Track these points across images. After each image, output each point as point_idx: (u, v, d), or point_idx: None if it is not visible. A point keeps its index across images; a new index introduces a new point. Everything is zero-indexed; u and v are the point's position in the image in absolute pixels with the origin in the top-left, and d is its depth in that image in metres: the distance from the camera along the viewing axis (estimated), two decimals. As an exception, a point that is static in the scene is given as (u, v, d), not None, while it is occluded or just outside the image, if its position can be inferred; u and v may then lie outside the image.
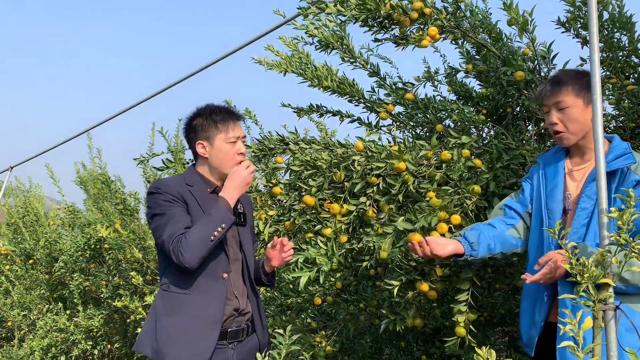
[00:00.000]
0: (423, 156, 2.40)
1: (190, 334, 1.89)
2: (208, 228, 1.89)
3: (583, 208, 1.85)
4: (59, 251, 5.43)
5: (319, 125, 4.52)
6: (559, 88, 1.88)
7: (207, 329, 1.91)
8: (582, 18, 2.57)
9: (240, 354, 2.03)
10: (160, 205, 1.97)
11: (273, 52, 3.19)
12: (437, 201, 2.17)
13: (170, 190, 1.99)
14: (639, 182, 1.77)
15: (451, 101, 3.15)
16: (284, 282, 3.74)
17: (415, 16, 2.52)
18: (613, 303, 1.47)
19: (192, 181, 2.06)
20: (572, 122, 1.87)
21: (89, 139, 5.74)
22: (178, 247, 1.88)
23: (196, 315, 1.91)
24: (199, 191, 2.04)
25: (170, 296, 1.95)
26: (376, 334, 3.36)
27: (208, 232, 1.88)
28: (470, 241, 1.96)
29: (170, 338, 1.90)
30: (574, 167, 1.95)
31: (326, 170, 2.53)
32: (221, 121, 2.06)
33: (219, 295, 1.95)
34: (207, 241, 1.88)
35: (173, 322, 1.91)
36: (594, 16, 1.56)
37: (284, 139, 2.83)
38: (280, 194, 2.72)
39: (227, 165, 2.06)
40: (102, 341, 5.06)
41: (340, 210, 2.46)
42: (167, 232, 1.92)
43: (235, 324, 2.02)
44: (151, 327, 1.95)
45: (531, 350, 1.98)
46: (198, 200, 2.01)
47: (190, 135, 2.11)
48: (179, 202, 1.98)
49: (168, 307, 1.94)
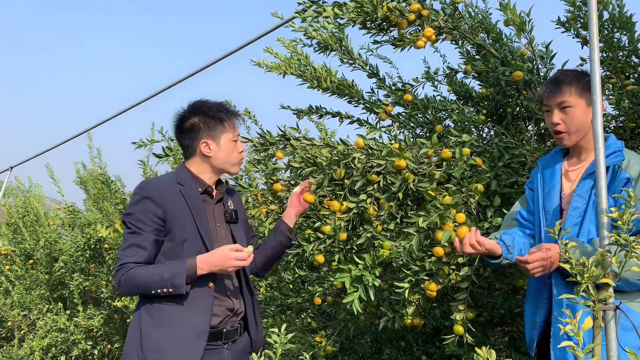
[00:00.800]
0: (424, 154, 2.39)
1: (177, 346, 1.85)
2: (156, 282, 1.84)
3: (575, 207, 1.86)
4: (59, 251, 5.43)
5: (319, 126, 4.53)
6: (561, 88, 1.88)
7: (193, 341, 1.87)
8: (582, 18, 2.58)
9: (234, 354, 2.01)
10: (135, 219, 1.91)
11: (272, 54, 3.19)
12: (449, 199, 2.17)
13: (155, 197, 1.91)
14: (629, 179, 1.77)
15: (451, 101, 3.16)
16: (284, 282, 3.74)
17: (412, 18, 2.53)
18: (613, 303, 1.48)
19: (184, 180, 2.00)
20: (574, 122, 1.87)
21: (89, 139, 5.75)
22: (120, 276, 1.87)
23: (182, 327, 1.87)
24: (190, 191, 1.98)
25: (155, 308, 1.90)
26: (376, 334, 3.36)
27: (153, 286, 1.84)
28: (507, 244, 1.93)
29: (156, 351, 1.86)
30: (570, 168, 1.95)
31: (326, 167, 2.52)
32: (227, 119, 2.03)
33: (204, 306, 1.91)
34: (146, 291, 1.86)
35: (158, 334, 1.87)
36: (594, 16, 1.56)
37: (285, 134, 2.82)
38: (281, 190, 2.72)
39: (232, 163, 2.05)
40: (102, 341, 5.07)
41: (340, 208, 2.46)
42: (124, 253, 1.90)
43: (230, 324, 2.00)
44: (136, 339, 1.90)
45: (531, 351, 1.99)
46: (188, 201, 1.95)
47: (190, 134, 2.03)
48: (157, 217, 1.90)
49: (153, 319, 1.89)
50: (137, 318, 1.93)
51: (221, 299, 1.98)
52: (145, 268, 1.87)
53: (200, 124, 2.02)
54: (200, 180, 2.04)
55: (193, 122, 2.03)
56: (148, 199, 1.91)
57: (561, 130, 1.89)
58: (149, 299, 1.92)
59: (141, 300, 1.95)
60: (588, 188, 1.84)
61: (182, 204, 1.94)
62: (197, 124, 2.02)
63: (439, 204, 2.16)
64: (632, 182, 1.77)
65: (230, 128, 2.04)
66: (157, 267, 1.87)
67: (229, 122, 2.04)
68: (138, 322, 1.92)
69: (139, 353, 1.87)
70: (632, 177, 1.77)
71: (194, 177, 2.03)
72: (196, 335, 1.88)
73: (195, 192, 2.00)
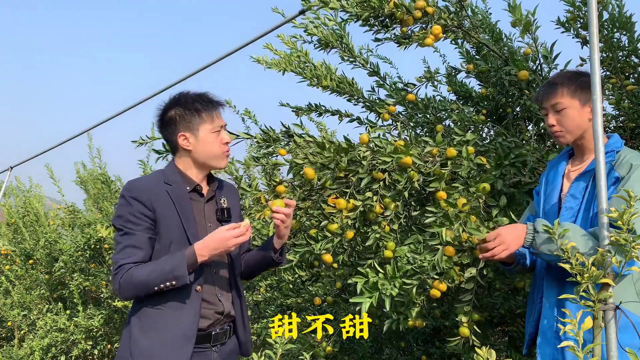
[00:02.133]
0: (428, 153, 2.38)
1: (164, 350, 1.83)
2: (158, 278, 1.78)
3: (568, 207, 1.88)
4: (59, 251, 5.43)
5: (319, 125, 4.52)
6: (554, 90, 1.92)
7: (181, 344, 1.83)
8: (582, 18, 2.57)
9: (222, 356, 1.97)
10: (124, 220, 1.86)
11: (272, 50, 3.18)
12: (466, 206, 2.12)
13: (142, 198, 1.85)
14: (618, 179, 1.79)
15: (451, 101, 3.15)
16: (284, 282, 3.74)
17: (418, 15, 2.51)
18: (613, 303, 1.48)
19: (171, 179, 1.93)
20: (569, 123, 1.90)
21: (89, 139, 5.75)
22: (119, 278, 1.81)
23: (169, 331, 1.84)
24: (178, 191, 1.91)
25: (143, 312, 1.87)
26: (376, 334, 3.36)
27: (155, 282, 1.79)
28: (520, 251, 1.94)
29: (143, 355, 1.83)
30: (572, 168, 1.98)
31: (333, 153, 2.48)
32: (205, 110, 1.92)
33: (192, 310, 1.86)
34: (149, 288, 1.80)
35: (147, 338, 1.84)
36: (594, 16, 1.56)
37: (288, 130, 2.81)
38: (285, 192, 2.70)
39: (215, 156, 1.94)
40: (102, 341, 5.06)
41: (346, 206, 2.43)
42: (119, 256, 1.84)
43: (219, 326, 1.96)
44: (126, 344, 1.88)
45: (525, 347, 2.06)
46: (175, 202, 1.88)
47: (169, 128, 1.95)
48: (146, 217, 1.85)
49: (141, 323, 1.86)
50: (128, 323, 1.91)
51: (210, 302, 1.93)
52: (143, 266, 1.81)
53: (176, 117, 1.93)
54: (188, 177, 1.96)
55: (170, 115, 1.94)
56: (135, 199, 1.86)
57: (556, 130, 1.93)
58: (140, 304, 1.88)
59: (133, 306, 1.93)
60: (582, 188, 1.86)
61: (169, 205, 1.88)
62: (173, 116, 1.93)
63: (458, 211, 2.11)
64: (620, 182, 1.78)
65: (209, 119, 1.92)
66: (156, 263, 1.82)
67: (207, 113, 1.92)
68: (129, 327, 1.89)
69: (128, 357, 1.85)
70: (620, 176, 1.79)
71: (181, 174, 1.95)
72: (184, 338, 1.84)
73: (183, 191, 1.93)
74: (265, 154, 2.89)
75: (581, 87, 1.88)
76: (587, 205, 1.83)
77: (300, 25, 2.87)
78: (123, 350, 1.88)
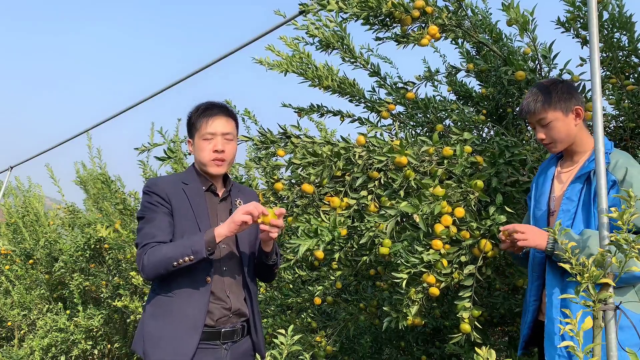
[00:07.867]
0: (424, 152, 2.39)
1: (172, 337, 1.91)
2: (177, 252, 1.87)
3: (565, 210, 1.90)
4: (59, 251, 5.43)
5: (319, 125, 4.52)
6: (534, 107, 1.94)
7: (188, 333, 1.91)
8: (582, 18, 2.58)
9: (234, 356, 2.01)
10: (145, 208, 2.00)
11: (274, 52, 3.19)
12: (440, 191, 2.18)
13: (159, 191, 2.00)
14: (615, 182, 1.80)
15: (451, 101, 3.16)
16: (284, 281, 3.74)
17: (416, 14, 2.52)
18: (613, 303, 1.48)
19: (189, 179, 2.07)
20: (557, 134, 1.93)
21: (89, 139, 5.75)
22: (142, 257, 1.91)
23: (177, 319, 1.93)
24: (194, 189, 2.04)
25: (156, 299, 1.99)
26: (376, 334, 3.37)
27: (174, 256, 1.87)
28: None
29: (152, 340, 1.94)
30: (563, 170, 2.01)
31: (326, 160, 2.52)
32: (197, 118, 2.07)
33: (201, 300, 1.94)
34: (169, 264, 1.88)
35: (156, 325, 1.95)
36: (594, 16, 1.57)
37: (286, 131, 2.82)
38: (283, 189, 2.71)
39: (204, 163, 2.04)
40: (102, 341, 5.07)
41: (340, 204, 2.45)
42: (141, 237, 1.96)
43: (230, 324, 2.00)
44: (140, 328, 2.01)
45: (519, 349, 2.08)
46: (190, 199, 2.01)
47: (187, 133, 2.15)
48: (164, 206, 1.98)
49: (153, 310, 1.98)
50: (144, 310, 2.03)
51: (218, 296, 1.98)
52: (164, 245, 1.92)
53: (187, 124, 2.12)
54: (203, 178, 2.09)
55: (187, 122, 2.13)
56: (154, 192, 2.01)
57: (548, 142, 1.96)
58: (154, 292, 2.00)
59: (149, 295, 2.05)
60: (577, 190, 1.88)
61: (184, 200, 2.00)
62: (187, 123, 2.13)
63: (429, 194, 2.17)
64: (618, 185, 1.79)
65: (202, 126, 2.04)
66: (175, 242, 1.93)
67: (199, 121, 2.06)
68: (144, 314, 2.02)
69: (141, 342, 1.97)
70: (617, 179, 1.80)
71: (199, 175, 2.09)
72: (191, 327, 1.92)
73: (199, 190, 2.05)
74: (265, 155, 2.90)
75: (559, 96, 1.91)
76: (584, 207, 1.84)
77: (302, 27, 2.88)
78: (137, 335, 2.01)
